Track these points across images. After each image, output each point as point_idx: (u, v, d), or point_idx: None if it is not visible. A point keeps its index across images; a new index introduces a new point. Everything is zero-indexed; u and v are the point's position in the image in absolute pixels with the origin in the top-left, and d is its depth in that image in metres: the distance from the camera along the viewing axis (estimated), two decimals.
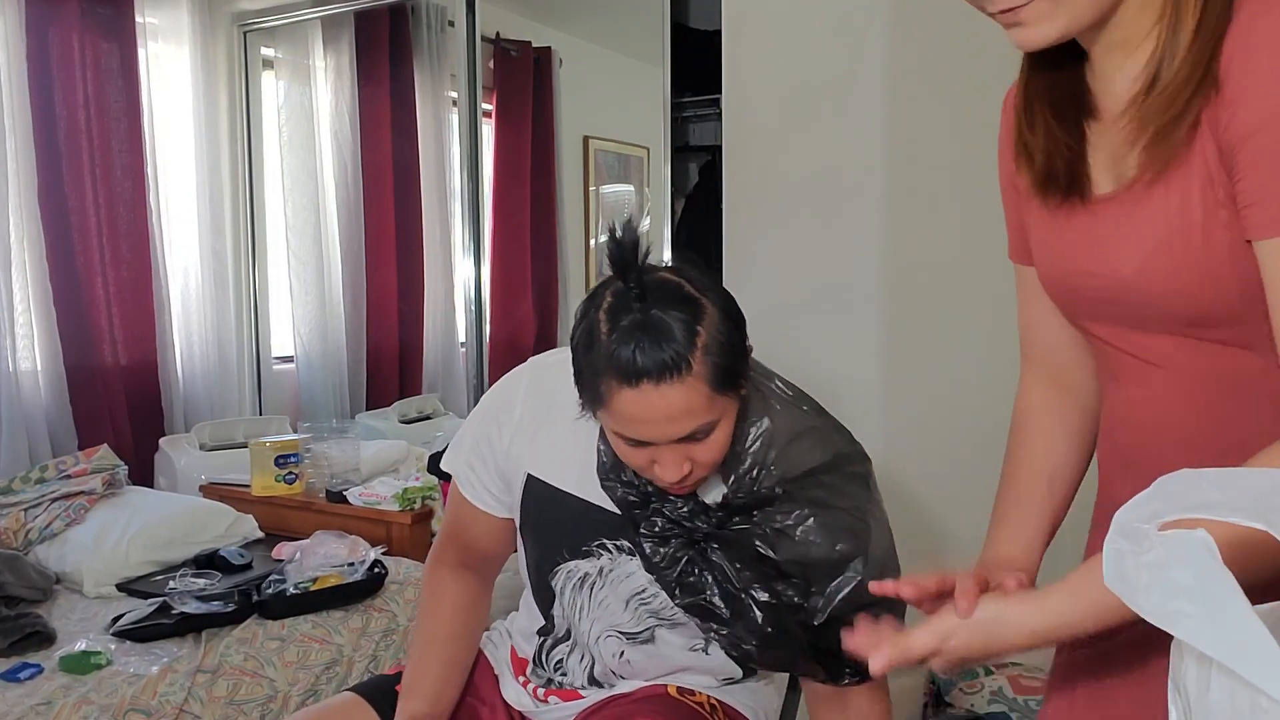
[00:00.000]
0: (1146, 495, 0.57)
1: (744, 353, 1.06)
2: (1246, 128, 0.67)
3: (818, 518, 1.09)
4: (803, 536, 1.09)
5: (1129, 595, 0.54)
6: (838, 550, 1.09)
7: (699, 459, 1.04)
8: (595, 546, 1.20)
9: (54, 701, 1.62)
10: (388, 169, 3.65)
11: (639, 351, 0.97)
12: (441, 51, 3.73)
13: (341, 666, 1.96)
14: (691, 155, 3.29)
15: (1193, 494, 0.55)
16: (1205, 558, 0.51)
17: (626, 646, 1.22)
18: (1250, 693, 0.48)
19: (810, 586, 1.09)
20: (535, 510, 1.24)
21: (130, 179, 2.91)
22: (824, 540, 1.09)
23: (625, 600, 1.19)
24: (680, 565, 1.13)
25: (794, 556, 1.09)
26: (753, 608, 1.10)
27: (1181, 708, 0.55)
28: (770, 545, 1.10)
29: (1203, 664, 0.52)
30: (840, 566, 1.09)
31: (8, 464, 2.54)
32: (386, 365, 3.68)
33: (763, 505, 1.10)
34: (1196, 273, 0.73)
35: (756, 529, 1.10)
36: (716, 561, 1.12)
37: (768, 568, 1.10)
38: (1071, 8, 0.72)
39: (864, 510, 1.12)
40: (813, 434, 1.14)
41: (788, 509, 1.10)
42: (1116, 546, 0.55)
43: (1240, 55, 0.68)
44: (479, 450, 1.27)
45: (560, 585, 1.24)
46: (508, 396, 1.26)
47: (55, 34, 2.71)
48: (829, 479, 1.13)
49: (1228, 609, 0.49)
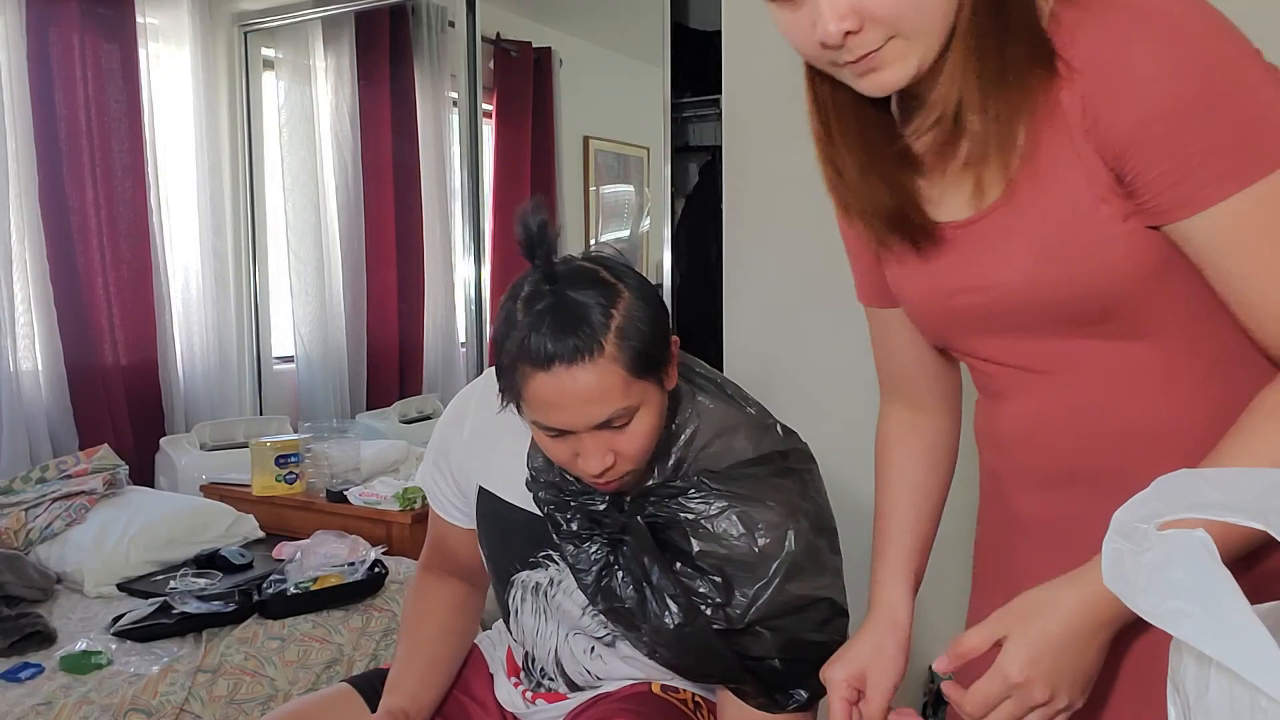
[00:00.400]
0: (1146, 495, 0.57)
1: (665, 340, 1.03)
2: (1134, 122, 0.67)
3: (739, 511, 1.05)
4: (723, 530, 1.05)
5: (1128, 595, 0.54)
6: (759, 548, 1.04)
7: (622, 450, 1.00)
8: (542, 557, 1.19)
9: (54, 701, 1.62)
10: (388, 169, 3.64)
11: (549, 333, 0.95)
12: (442, 52, 3.72)
13: (342, 666, 1.96)
14: (691, 155, 3.29)
15: (1192, 494, 0.55)
16: (1204, 557, 0.51)
17: (595, 644, 1.22)
18: (1249, 692, 0.48)
19: (731, 587, 1.05)
20: (488, 522, 1.23)
21: (131, 179, 2.91)
22: (744, 535, 1.05)
23: (582, 608, 1.17)
24: (598, 568, 1.09)
25: (712, 550, 1.05)
26: (669, 610, 1.05)
27: (1181, 707, 0.55)
28: (687, 536, 1.06)
29: (1202, 663, 0.53)
30: (762, 566, 1.04)
31: (8, 464, 2.54)
32: (386, 365, 3.68)
33: (682, 494, 1.07)
34: (1091, 266, 0.73)
35: (674, 518, 1.07)
36: (633, 560, 1.07)
37: (687, 565, 1.07)
38: (924, 42, 0.70)
39: (793, 508, 1.07)
40: (745, 429, 1.10)
41: (708, 499, 1.06)
42: (1116, 546, 0.55)
43: (1105, 49, 0.68)
44: (439, 464, 1.28)
45: (516, 601, 1.24)
46: (461, 409, 1.26)
47: (56, 34, 2.71)
48: (758, 473, 1.08)
49: (1227, 608, 0.49)
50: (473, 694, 1.35)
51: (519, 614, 1.25)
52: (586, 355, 0.95)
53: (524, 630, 1.26)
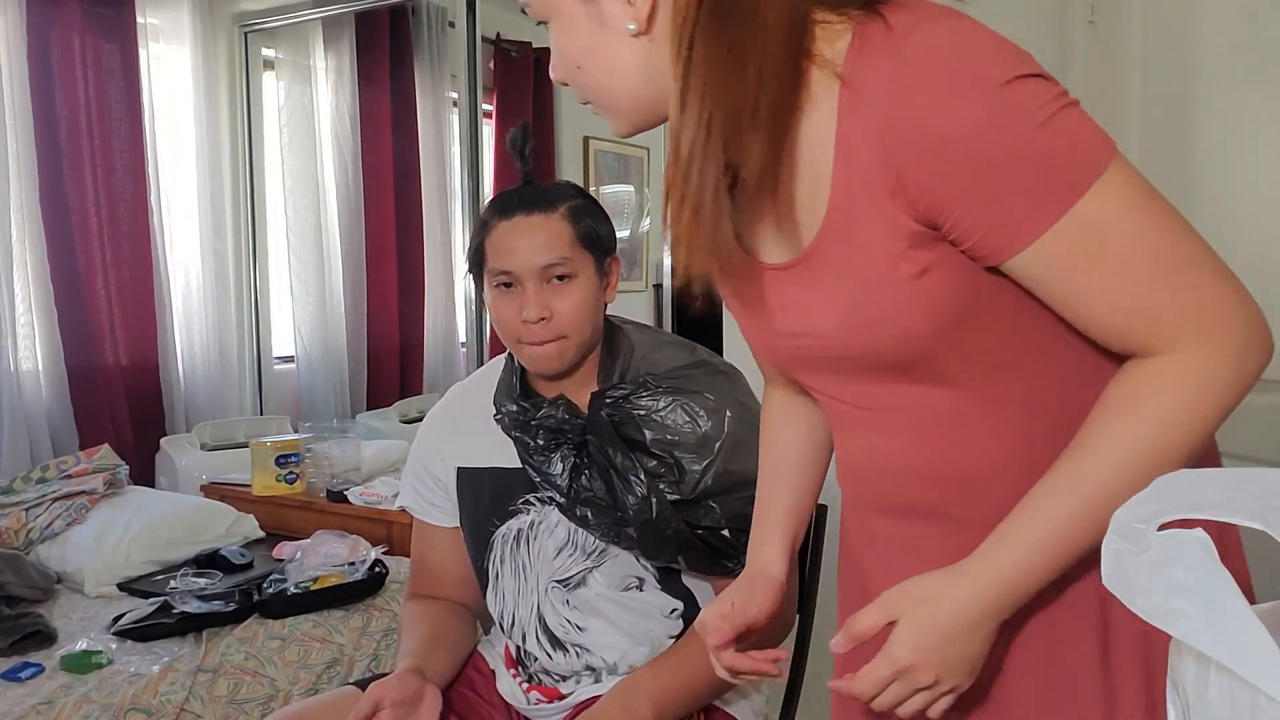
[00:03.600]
0: (1145, 495, 0.57)
1: (609, 240, 1.28)
2: (942, 178, 0.69)
3: (682, 403, 1.23)
4: (670, 420, 1.23)
5: (1128, 595, 0.54)
6: (702, 431, 1.22)
7: (557, 309, 1.22)
8: (520, 504, 1.33)
9: (55, 701, 1.62)
10: (388, 169, 3.65)
11: (518, 196, 1.24)
12: (442, 52, 3.73)
13: (342, 666, 1.96)
14: None
15: (1192, 494, 0.56)
16: (1204, 557, 0.51)
17: (569, 594, 1.30)
18: (1249, 692, 0.48)
19: (682, 467, 1.22)
20: (468, 491, 1.38)
21: (131, 179, 2.91)
22: (689, 422, 1.23)
23: (559, 548, 1.30)
24: (569, 470, 1.25)
25: (662, 437, 1.22)
26: (633, 491, 1.21)
27: (1180, 707, 0.55)
28: (640, 428, 1.23)
29: (1201, 663, 0.53)
30: (706, 447, 1.22)
31: (9, 464, 2.54)
32: (387, 365, 3.68)
33: (633, 394, 1.24)
34: (892, 328, 0.75)
35: (628, 416, 1.24)
36: (598, 453, 1.23)
37: (641, 453, 1.23)
38: (624, 115, 0.82)
39: (728, 397, 1.26)
40: (673, 345, 1.33)
41: (655, 396, 1.24)
42: (1116, 546, 0.56)
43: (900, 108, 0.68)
44: (418, 474, 1.43)
45: (497, 564, 1.34)
46: (428, 420, 1.47)
47: (56, 35, 2.72)
48: (693, 373, 1.28)
49: (1227, 608, 0.49)
50: (478, 691, 1.39)
51: (500, 578, 1.34)
52: (542, 210, 1.22)
53: (506, 597, 1.33)
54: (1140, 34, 2.16)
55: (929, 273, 0.73)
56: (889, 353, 0.78)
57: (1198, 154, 1.99)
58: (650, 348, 1.30)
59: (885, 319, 0.75)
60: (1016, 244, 0.69)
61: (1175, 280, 0.69)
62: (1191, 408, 0.69)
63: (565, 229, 1.22)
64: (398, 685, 1.21)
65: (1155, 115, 2.11)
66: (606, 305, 1.31)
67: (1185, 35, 2.04)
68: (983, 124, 0.67)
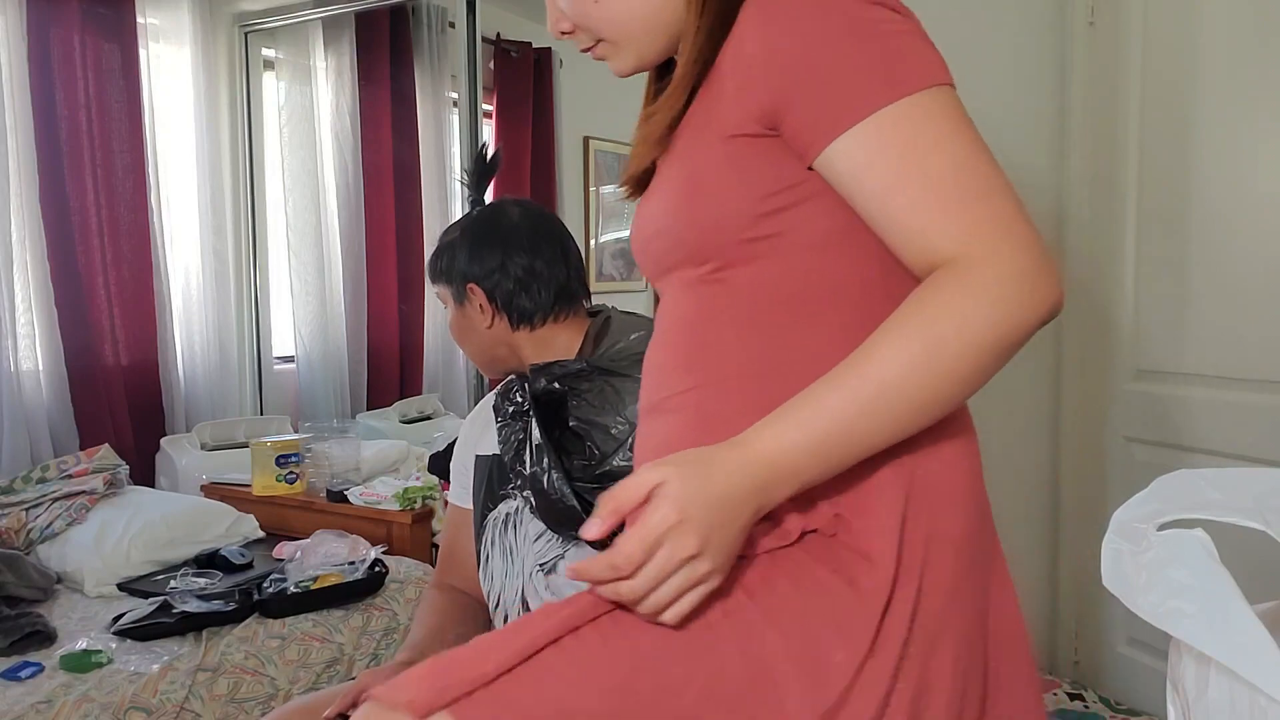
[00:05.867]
0: (1145, 495, 0.58)
1: (455, 269, 1.39)
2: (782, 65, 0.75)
3: (612, 384, 1.28)
4: (594, 400, 1.28)
5: (1128, 595, 0.54)
6: (619, 414, 1.26)
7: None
8: (510, 489, 1.36)
9: (55, 700, 1.62)
10: (388, 169, 3.65)
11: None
12: (442, 52, 3.73)
13: (342, 665, 1.96)
14: None
15: (1192, 494, 0.56)
16: (1204, 557, 0.51)
17: (548, 579, 1.33)
18: (1249, 692, 0.48)
19: (595, 448, 1.26)
20: (478, 476, 1.44)
21: (131, 179, 2.91)
22: (608, 404, 1.28)
23: (539, 532, 1.33)
24: (514, 447, 1.33)
25: (585, 416, 1.28)
26: (540, 464, 1.26)
27: (1180, 707, 0.55)
28: (564, 405, 1.29)
29: (1201, 663, 0.53)
30: (620, 429, 1.25)
31: (9, 463, 2.54)
32: (387, 365, 3.68)
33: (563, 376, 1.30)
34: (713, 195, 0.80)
35: (560, 396, 1.30)
36: (535, 434, 1.29)
37: (567, 434, 1.28)
38: (633, 45, 0.87)
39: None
40: (649, 329, 1.32)
41: (591, 378, 1.29)
42: (1115, 546, 0.56)
43: (764, 20, 0.76)
44: (459, 458, 1.51)
45: (488, 545, 1.38)
46: (474, 413, 1.53)
47: (56, 35, 2.71)
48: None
49: (1226, 608, 0.49)
50: None
51: (490, 559, 1.38)
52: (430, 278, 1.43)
53: (494, 578, 1.37)
54: (1140, 34, 2.17)
55: (746, 148, 0.78)
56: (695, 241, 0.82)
57: (1198, 154, 1.99)
58: (625, 334, 1.35)
59: (708, 191, 0.80)
60: (839, 126, 0.73)
61: (977, 190, 0.72)
62: (966, 304, 0.69)
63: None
64: (387, 675, 1.23)
65: (1155, 115, 2.12)
66: (491, 325, 1.37)
67: (1185, 35, 2.04)
68: (834, 30, 0.74)
